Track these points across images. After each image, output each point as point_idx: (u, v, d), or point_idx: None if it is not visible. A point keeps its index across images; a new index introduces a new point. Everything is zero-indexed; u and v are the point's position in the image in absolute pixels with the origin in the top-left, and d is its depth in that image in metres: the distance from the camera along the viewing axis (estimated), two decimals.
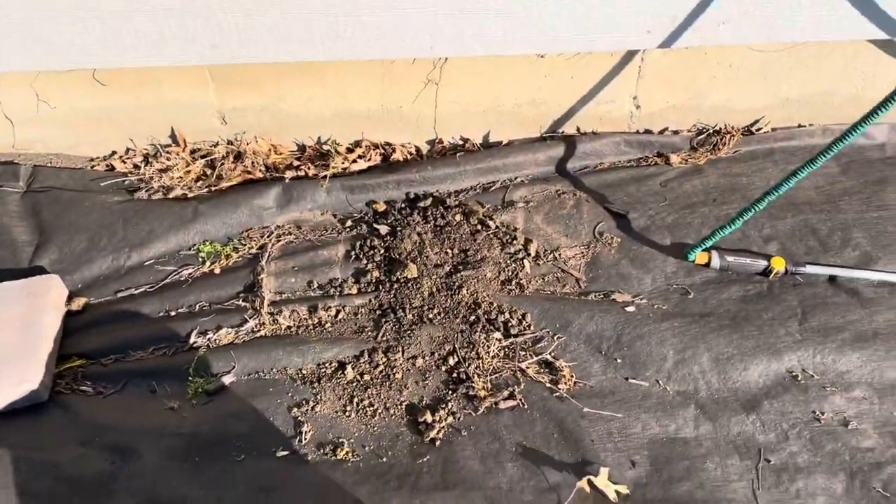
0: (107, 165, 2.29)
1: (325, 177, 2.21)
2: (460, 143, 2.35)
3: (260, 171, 2.27)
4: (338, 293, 1.99)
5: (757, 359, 1.82)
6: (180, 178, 2.24)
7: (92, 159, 2.31)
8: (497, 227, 2.12)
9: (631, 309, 1.92)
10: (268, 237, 2.13)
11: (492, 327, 1.89)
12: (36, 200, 2.15)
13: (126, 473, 1.57)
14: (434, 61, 2.11)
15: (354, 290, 1.99)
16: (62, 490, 1.54)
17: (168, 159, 2.27)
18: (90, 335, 1.88)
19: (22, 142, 2.27)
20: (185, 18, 1.88)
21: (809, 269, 2.00)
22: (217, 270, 2.04)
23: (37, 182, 2.20)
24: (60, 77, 2.09)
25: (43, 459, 1.59)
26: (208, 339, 1.86)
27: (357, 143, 2.33)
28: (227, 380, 1.77)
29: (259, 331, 1.89)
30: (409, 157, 2.34)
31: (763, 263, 1.99)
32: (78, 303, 1.94)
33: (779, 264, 1.98)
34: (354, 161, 2.30)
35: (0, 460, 1.56)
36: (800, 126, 2.38)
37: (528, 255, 2.07)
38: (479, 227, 2.12)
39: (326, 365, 1.82)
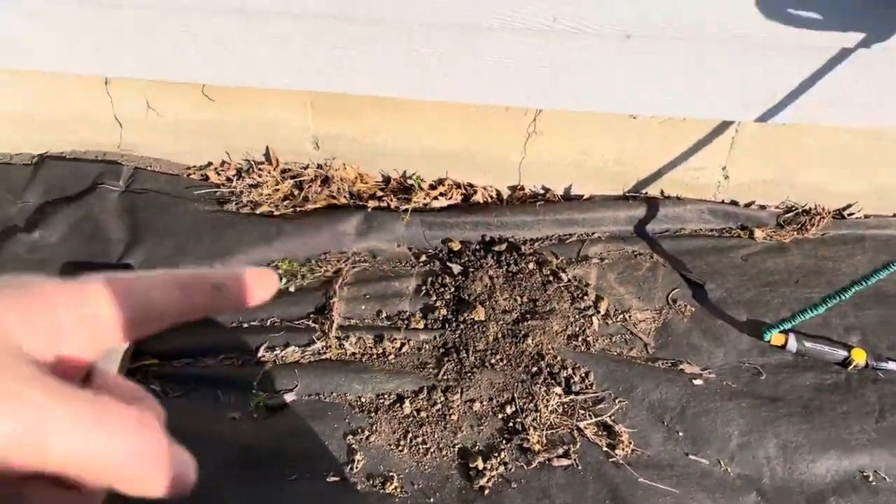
0: (201, 175, 2.40)
1: (405, 210, 2.26)
2: (541, 192, 2.36)
3: (344, 197, 2.33)
4: (404, 326, 2.01)
5: (827, 453, 1.74)
6: (269, 195, 2.32)
7: (188, 168, 2.42)
8: (569, 280, 2.11)
9: (699, 382, 1.88)
10: (344, 262, 2.18)
11: (553, 381, 1.88)
12: (133, 201, 2.27)
13: None
14: (527, 111, 2.14)
15: (421, 326, 2.01)
16: None
17: (259, 176, 2.36)
18: (165, 337, 1.95)
19: (127, 144, 2.40)
20: (295, 46, 1.97)
21: (892, 365, 1.91)
22: (292, 289, 2.10)
23: (136, 183, 2.32)
24: (171, 88, 2.21)
25: None
26: (275, 355, 1.91)
27: (440, 181, 2.37)
28: (288, 398, 1.81)
29: (325, 353, 1.93)
30: (489, 200, 2.36)
31: (843, 353, 1.92)
32: None
33: (859, 356, 1.90)
34: (435, 198, 2.34)
35: None
36: (895, 216, 2.29)
37: (598, 312, 2.05)
38: (551, 277, 2.12)
39: (385, 396, 1.84)
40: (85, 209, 2.22)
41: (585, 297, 2.07)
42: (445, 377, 1.88)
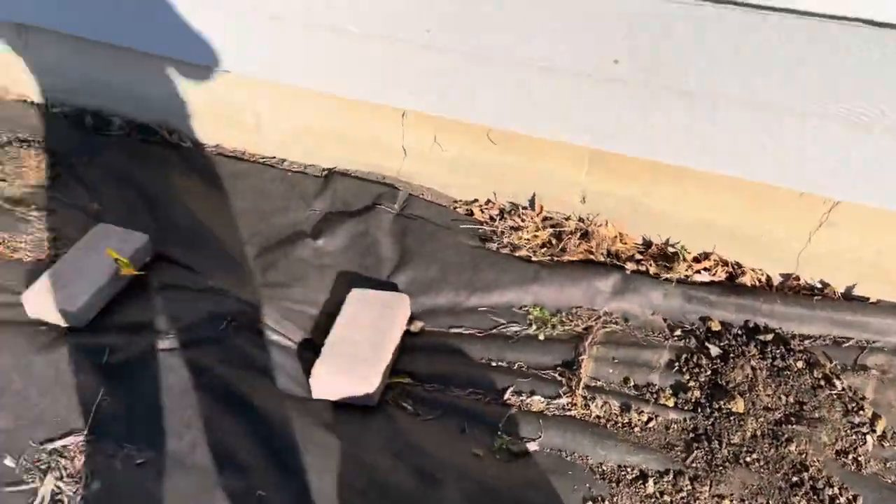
0: (466, 210, 2.51)
1: (667, 280, 2.19)
2: (818, 286, 2.18)
3: (601, 254, 2.32)
4: (653, 400, 1.94)
5: None
6: (528, 240, 2.37)
7: (455, 201, 2.55)
8: (843, 389, 1.92)
9: None
10: (595, 320, 2.16)
11: (816, 497, 1.71)
12: (405, 225, 2.42)
13: (429, 499, 1.67)
14: (825, 200, 2.00)
15: (671, 403, 1.93)
16: (374, 493, 1.68)
17: (521, 220, 2.42)
18: (420, 359, 2.06)
19: (406, 171, 2.58)
20: (586, 110, 2.01)
21: None
22: (541, 337, 2.11)
23: (408, 209, 2.48)
24: (460, 127, 2.34)
25: (363, 459, 1.76)
26: (521, 401, 1.93)
27: (706, 255, 2.28)
28: (531, 447, 1.82)
29: (569, 409, 1.92)
30: (756, 283, 2.23)
31: None
32: (417, 325, 2.14)
33: None
34: (698, 272, 2.25)
35: (331, 448, 1.77)
36: None
37: (874, 431, 1.84)
38: (822, 382, 1.94)
39: (628, 469, 1.78)
40: (363, 225, 2.42)
41: (861, 412, 1.87)
42: (694, 465, 1.78)
